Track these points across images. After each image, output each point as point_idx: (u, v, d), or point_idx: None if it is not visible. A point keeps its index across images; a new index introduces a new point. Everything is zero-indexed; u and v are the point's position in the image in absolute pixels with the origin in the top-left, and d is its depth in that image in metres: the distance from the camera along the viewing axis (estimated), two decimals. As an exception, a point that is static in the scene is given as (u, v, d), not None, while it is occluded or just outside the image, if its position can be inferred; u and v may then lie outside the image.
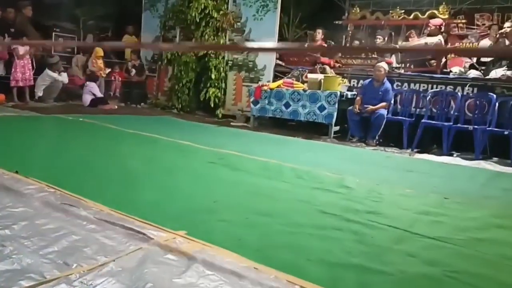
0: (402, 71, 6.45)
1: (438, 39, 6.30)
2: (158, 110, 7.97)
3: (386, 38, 7.45)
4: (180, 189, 2.60)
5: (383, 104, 5.68)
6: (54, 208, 1.99)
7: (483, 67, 6.41)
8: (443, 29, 6.74)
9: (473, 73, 5.96)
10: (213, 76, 7.50)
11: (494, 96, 5.15)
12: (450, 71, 6.35)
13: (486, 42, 7.26)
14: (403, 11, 7.81)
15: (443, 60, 6.51)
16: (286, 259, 1.65)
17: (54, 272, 1.38)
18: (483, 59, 6.71)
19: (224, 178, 2.99)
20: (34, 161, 3.01)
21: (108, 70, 8.38)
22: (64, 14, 8.80)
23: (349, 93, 6.21)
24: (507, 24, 6.68)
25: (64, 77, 7.53)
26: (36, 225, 1.77)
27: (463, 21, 8.39)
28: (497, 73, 5.76)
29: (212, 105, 7.53)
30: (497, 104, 5.09)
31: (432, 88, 5.75)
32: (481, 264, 1.76)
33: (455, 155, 5.06)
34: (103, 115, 6.36)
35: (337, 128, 6.05)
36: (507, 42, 6.22)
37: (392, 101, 5.83)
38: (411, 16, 7.62)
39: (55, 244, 1.60)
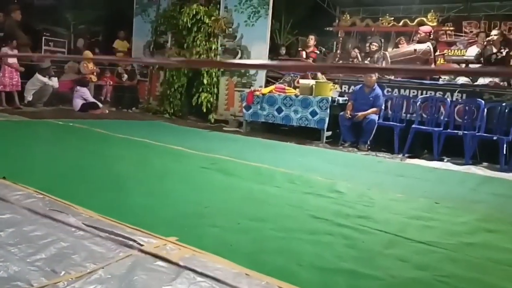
0: (392, 77, 6.51)
1: (427, 45, 6.38)
2: (149, 115, 7.93)
3: (381, 45, 7.51)
4: (172, 195, 2.58)
5: (374, 109, 5.72)
6: (42, 214, 1.96)
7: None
8: (432, 36, 6.82)
9: (461, 80, 6.04)
10: (205, 81, 7.49)
11: (483, 102, 5.22)
12: (440, 77, 6.43)
13: (473, 49, 7.37)
14: (392, 18, 7.91)
15: (432, 66, 6.59)
16: (278, 264, 1.65)
17: (42, 280, 1.36)
18: (471, 66, 6.82)
19: (216, 183, 2.98)
20: (22, 167, 2.96)
21: (96, 69, 8.25)
22: (54, 18, 8.75)
23: (341, 99, 6.25)
24: (493, 32, 6.79)
25: (54, 82, 7.47)
26: (23, 232, 1.74)
27: (451, 28, 8.53)
28: (485, 79, 5.84)
29: (205, 110, 7.52)
30: (485, 110, 5.16)
31: (422, 94, 5.82)
32: (470, 268, 1.77)
33: (445, 160, 5.11)
34: (94, 119, 6.31)
35: (329, 133, 6.08)
36: (494, 50, 6.32)
37: (383, 107, 5.88)
38: (401, 23, 7.72)
39: (43, 251, 1.58)
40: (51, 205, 2.11)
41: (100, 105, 7.64)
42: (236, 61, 6.25)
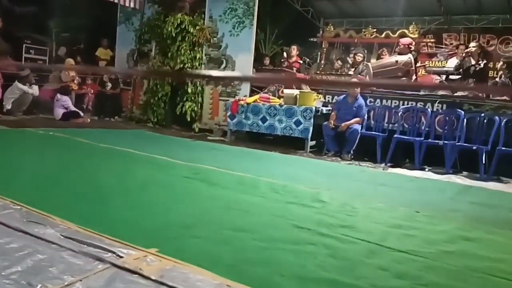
0: (374, 87, 6.62)
1: (408, 57, 6.52)
2: (132, 124, 7.86)
3: (365, 56, 7.63)
4: (153, 205, 2.55)
5: (357, 119, 5.80)
6: (19, 226, 1.91)
7: (451, 85, 6.67)
8: (413, 47, 6.98)
9: (442, 90, 6.18)
10: (189, 90, 7.48)
11: (462, 112, 5.34)
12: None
13: (453, 61, 7.57)
14: (375, 29, 8.06)
15: (414, 77, 6.74)
16: (260, 275, 1.64)
17: (16, 293, 1.33)
18: (451, 77, 7.00)
19: (199, 193, 2.96)
20: (-1, 177, 2.89)
21: (76, 77, 8.10)
22: (35, 25, 8.63)
23: (324, 109, 6.32)
24: (472, 44, 7.00)
25: (35, 90, 7.34)
26: (-2, 244, 1.70)
27: (432, 40, 8.77)
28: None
29: (189, 119, 7.49)
30: (465, 120, 5.28)
31: (403, 104, 5.93)
32: (449, 276, 1.79)
33: (426, 169, 5.20)
34: (75, 128, 6.21)
35: (313, 142, 6.13)
36: (472, 61, 6.50)
37: (366, 117, 5.96)
38: (383, 35, 7.87)
39: (19, 264, 1.54)
40: (28, 216, 2.06)
41: (82, 114, 7.54)
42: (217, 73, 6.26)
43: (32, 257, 1.60)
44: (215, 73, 5.96)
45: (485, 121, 5.22)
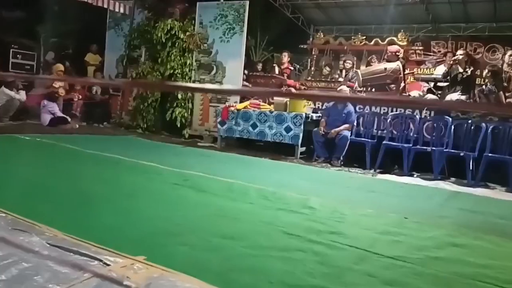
0: (363, 94, 6.68)
1: (397, 64, 6.61)
2: (122, 130, 7.80)
3: (354, 63, 7.71)
4: (141, 212, 2.53)
5: (346, 125, 5.84)
6: (4, 234, 1.88)
7: (439, 92, 6.77)
8: (401, 55, 7.08)
9: (430, 97, 6.26)
10: (179, 96, 7.46)
11: (450, 119, 5.41)
12: (409, 95, 6.65)
13: (441, 68, 7.69)
14: (364, 37, 8.16)
15: (402, 84, 6.82)
16: (248, 282, 1.63)
17: (-1, 303, 1.30)
18: (439, 84, 7.10)
19: (188, 200, 2.95)
20: (-16, 184, 2.84)
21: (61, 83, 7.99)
22: (23, 30, 8.55)
23: (314, 115, 6.35)
24: (459, 52, 7.12)
25: (22, 95, 7.26)
26: (-18, 252, 1.66)
27: (420, 48, 8.90)
28: (452, 97, 6.08)
29: (179, 125, 7.47)
30: (452, 126, 5.35)
31: (392, 111, 5.98)
32: (437, 282, 1.80)
33: (415, 175, 5.24)
34: (63, 134, 6.14)
35: (303, 149, 6.15)
36: (460, 69, 6.61)
37: (355, 123, 6.00)
38: (372, 42, 7.97)
39: (3, 272, 1.51)
40: (13, 224, 2.02)
41: (69, 119, 7.46)
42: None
43: (17, 266, 1.57)
44: (200, 85, 5.97)
45: (472, 127, 5.29)
